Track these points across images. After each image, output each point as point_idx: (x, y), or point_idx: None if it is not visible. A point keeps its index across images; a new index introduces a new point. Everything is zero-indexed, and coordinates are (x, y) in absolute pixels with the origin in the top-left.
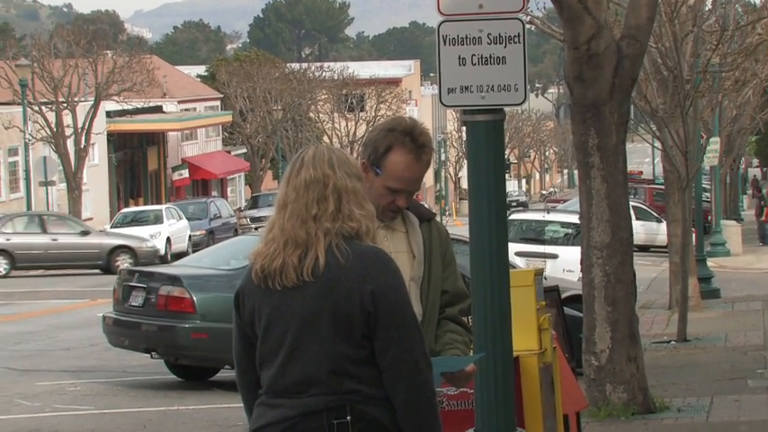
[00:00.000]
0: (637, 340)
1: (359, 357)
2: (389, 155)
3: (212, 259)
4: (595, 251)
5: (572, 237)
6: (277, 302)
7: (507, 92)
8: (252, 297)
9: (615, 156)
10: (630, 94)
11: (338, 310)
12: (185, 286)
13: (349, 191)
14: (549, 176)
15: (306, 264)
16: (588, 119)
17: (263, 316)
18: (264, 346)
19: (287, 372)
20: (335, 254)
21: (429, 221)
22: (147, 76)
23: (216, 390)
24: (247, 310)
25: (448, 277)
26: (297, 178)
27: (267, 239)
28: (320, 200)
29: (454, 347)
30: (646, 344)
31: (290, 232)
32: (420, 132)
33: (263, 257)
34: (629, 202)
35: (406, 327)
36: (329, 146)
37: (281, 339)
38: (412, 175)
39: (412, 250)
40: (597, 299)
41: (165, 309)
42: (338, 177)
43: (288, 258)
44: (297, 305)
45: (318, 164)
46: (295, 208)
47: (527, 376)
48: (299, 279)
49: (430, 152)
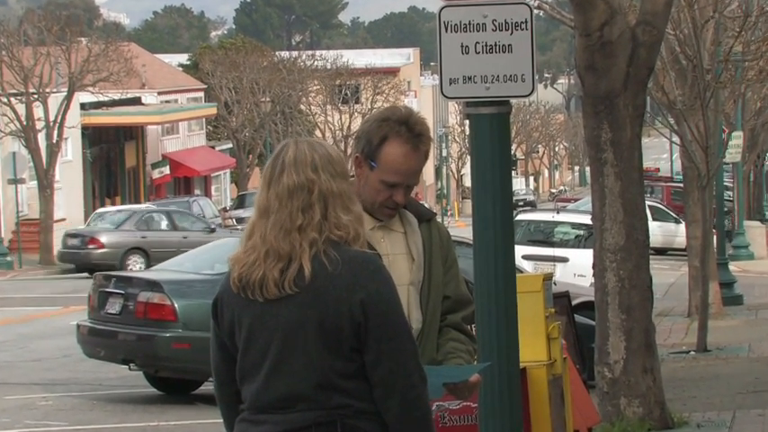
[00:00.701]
0: (653, 350)
1: (348, 371)
2: (384, 146)
3: (195, 263)
4: (609, 254)
5: (584, 239)
6: (259, 312)
7: (514, 82)
8: (231, 306)
9: (630, 151)
10: (646, 85)
11: (326, 321)
12: (166, 292)
13: (335, 194)
14: (559, 174)
15: (288, 276)
16: (601, 112)
17: (243, 326)
18: (246, 358)
19: (271, 386)
20: (323, 261)
21: (429, 222)
22: (124, 65)
23: (199, 404)
24: (226, 319)
25: (449, 282)
26: (279, 184)
27: (247, 246)
28: (305, 208)
29: (457, 356)
30: (663, 354)
31: (273, 243)
32: (416, 121)
33: (241, 265)
34: (645, 202)
35: (398, 338)
36: (310, 141)
37: (263, 352)
38: (410, 166)
39: (411, 252)
40: (611, 306)
41: (145, 317)
42: (323, 181)
43: (268, 272)
44: (281, 315)
45: (301, 167)
46: (278, 218)
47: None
48: (280, 292)
49: (428, 142)
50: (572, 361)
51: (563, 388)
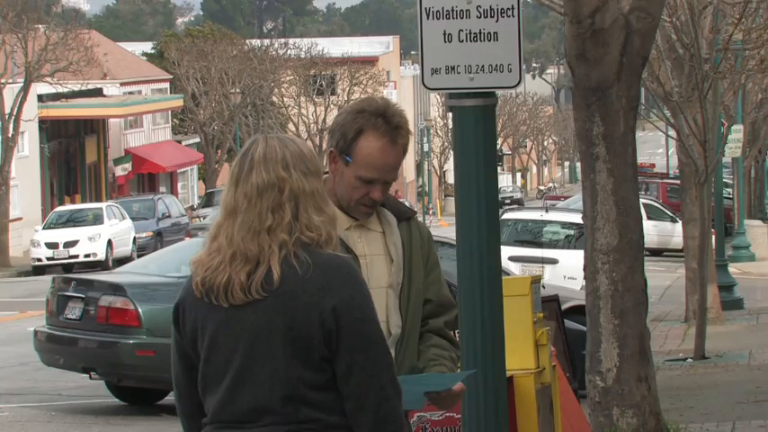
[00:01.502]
0: (648, 358)
1: (318, 382)
2: (360, 140)
3: (160, 265)
4: (601, 255)
5: (574, 239)
6: (223, 318)
7: (500, 73)
8: (194, 311)
9: (623, 146)
10: (641, 76)
11: (294, 327)
12: (129, 296)
13: (307, 194)
14: (548, 170)
15: (255, 279)
16: (592, 104)
17: (206, 333)
18: (208, 367)
19: (235, 398)
20: (293, 264)
21: (408, 221)
22: (84, 54)
23: (165, 415)
24: (188, 325)
25: (431, 284)
26: (247, 183)
27: (211, 248)
28: (275, 208)
29: (439, 364)
30: (659, 362)
31: (240, 245)
32: (394, 113)
33: (205, 269)
34: (640, 200)
35: (371, 349)
36: (281, 137)
37: (227, 360)
38: (387, 161)
39: (389, 253)
40: (603, 310)
41: (106, 322)
42: (294, 180)
43: (235, 275)
44: (247, 321)
45: (271, 164)
46: (246, 218)
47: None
48: (247, 297)
49: (407, 135)
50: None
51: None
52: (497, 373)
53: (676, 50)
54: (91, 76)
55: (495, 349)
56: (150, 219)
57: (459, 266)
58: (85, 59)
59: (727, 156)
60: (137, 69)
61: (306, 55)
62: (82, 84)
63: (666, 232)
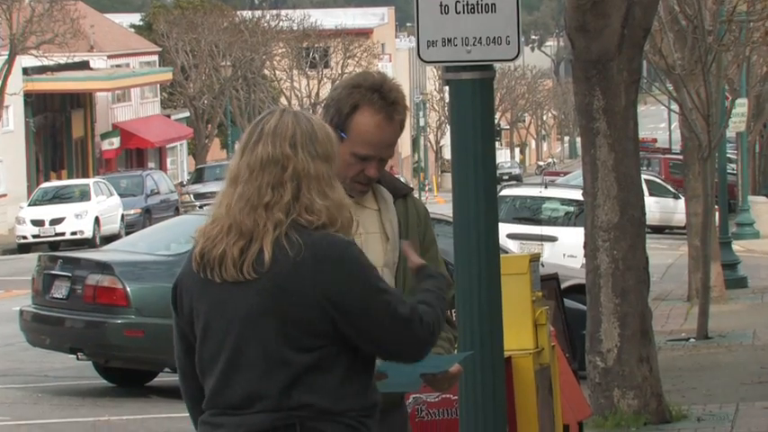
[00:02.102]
0: (650, 338)
1: (311, 363)
2: (355, 116)
3: (149, 243)
4: (601, 233)
5: (574, 216)
6: (216, 298)
7: (498, 45)
8: (190, 289)
9: (625, 120)
10: (642, 48)
11: (288, 311)
12: (117, 275)
13: (311, 176)
14: (547, 145)
15: (247, 258)
16: (593, 77)
17: (201, 314)
18: (204, 349)
19: (229, 383)
20: (284, 245)
21: (405, 198)
22: (70, 25)
23: (154, 397)
24: (185, 304)
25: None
26: (252, 153)
27: (215, 216)
28: (276, 185)
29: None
30: (660, 342)
31: (237, 217)
32: (390, 87)
33: (205, 238)
34: (642, 175)
35: (387, 319)
36: (297, 113)
37: (221, 343)
38: (383, 138)
39: (385, 231)
40: (603, 289)
41: (94, 301)
42: (299, 160)
43: (228, 248)
44: (238, 303)
45: (279, 140)
46: (246, 190)
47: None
48: (238, 275)
49: (403, 110)
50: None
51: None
52: (495, 353)
53: (679, 22)
54: (77, 48)
55: (492, 329)
56: (139, 195)
57: (457, 244)
58: (72, 31)
59: (730, 130)
60: (124, 42)
61: (298, 27)
62: (68, 56)
63: (669, 209)
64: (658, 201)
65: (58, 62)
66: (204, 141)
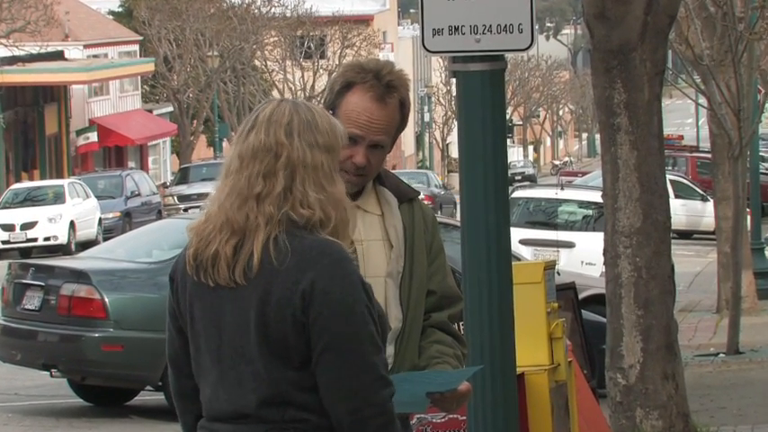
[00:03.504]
0: (675, 353)
1: (305, 383)
2: (347, 94)
3: (129, 249)
4: (623, 238)
5: (593, 220)
6: (209, 303)
7: (509, 34)
8: (185, 289)
9: (648, 115)
10: (668, 37)
11: (269, 325)
12: (94, 284)
13: (307, 166)
14: (564, 142)
15: (240, 260)
16: (613, 68)
17: (195, 317)
18: (198, 355)
19: (219, 395)
20: (271, 251)
21: (410, 202)
22: (43, 12)
23: (134, 417)
24: (181, 303)
25: (435, 273)
26: (245, 142)
27: (208, 214)
28: (267, 175)
29: (443, 362)
30: (687, 357)
31: (228, 212)
32: (390, 71)
33: (198, 238)
34: (666, 176)
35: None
36: (298, 102)
37: (213, 352)
38: (371, 118)
39: (389, 238)
40: (625, 299)
41: (69, 313)
42: (295, 148)
43: (221, 248)
44: (226, 312)
45: (273, 127)
46: (236, 181)
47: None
48: (230, 278)
49: (399, 94)
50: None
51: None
52: (506, 369)
53: (707, 8)
54: (51, 37)
55: (504, 343)
56: (118, 197)
57: (465, 251)
58: (45, 19)
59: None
60: (102, 30)
61: (292, 13)
62: (41, 46)
63: (696, 212)
64: (685, 203)
65: (30, 52)
66: (189, 139)
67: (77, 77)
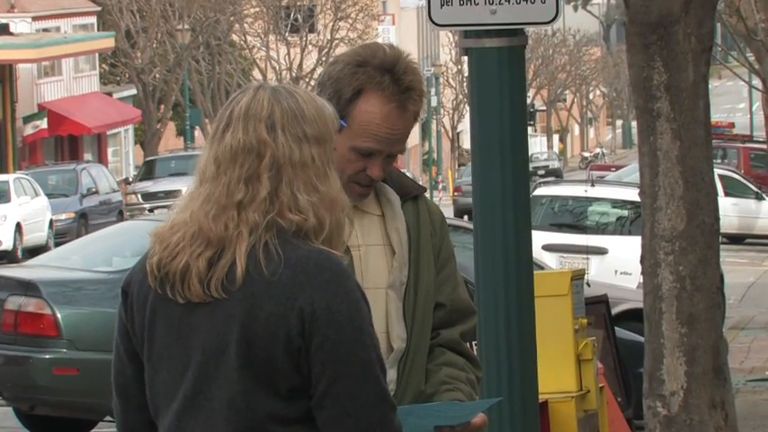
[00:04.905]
0: (725, 377)
1: (288, 416)
2: (359, 102)
3: (86, 257)
4: (663, 243)
5: (628, 222)
6: (176, 320)
7: (530, 4)
8: (143, 304)
9: (693, 99)
10: (715, 8)
11: (255, 345)
12: (45, 297)
13: (296, 165)
14: (595, 131)
15: (216, 271)
16: (653, 44)
17: (155, 336)
18: (157, 381)
19: (184, 427)
20: (259, 259)
21: (416, 200)
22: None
23: None
24: (137, 320)
25: (444, 283)
26: (221, 144)
27: (174, 221)
28: (250, 179)
29: (454, 389)
30: (738, 383)
31: (202, 221)
32: (405, 68)
33: (163, 246)
34: (715, 170)
35: (353, 377)
36: (278, 88)
37: (179, 377)
38: (392, 131)
39: (391, 243)
40: (666, 315)
41: (15, 331)
42: (280, 144)
43: (193, 261)
44: (202, 329)
45: (253, 123)
46: (213, 189)
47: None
48: (205, 292)
49: (420, 98)
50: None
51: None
52: (527, 397)
53: None
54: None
55: (524, 366)
56: (72, 195)
57: (478, 259)
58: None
59: None
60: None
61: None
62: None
63: (749, 213)
64: (736, 202)
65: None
66: (155, 127)
67: (24, 55)
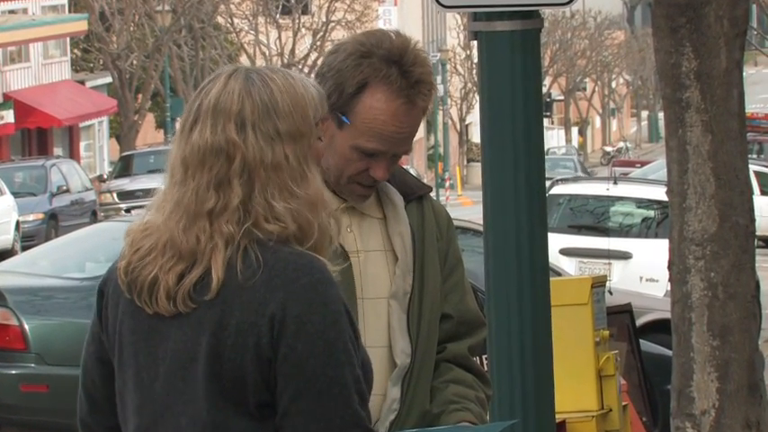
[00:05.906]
0: (761, 395)
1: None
2: (364, 97)
3: (56, 262)
4: (693, 247)
5: (655, 223)
6: (145, 327)
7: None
8: (116, 308)
9: (726, 89)
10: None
11: (223, 356)
12: (11, 307)
13: (268, 167)
14: (618, 123)
15: (183, 286)
16: (681, 27)
17: (124, 346)
18: (125, 391)
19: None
20: (235, 265)
21: (420, 200)
22: None
23: None
24: (110, 319)
25: (451, 292)
26: (188, 142)
27: (149, 222)
28: (220, 185)
29: (462, 408)
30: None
31: (174, 233)
32: (415, 60)
33: (134, 249)
34: (750, 166)
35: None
36: (251, 75)
37: (146, 389)
38: (399, 129)
39: (393, 248)
40: (696, 326)
41: None
42: (250, 145)
43: (162, 274)
44: (170, 339)
45: (221, 119)
46: (182, 195)
47: None
48: (171, 308)
49: (430, 93)
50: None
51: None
52: (544, 417)
53: None
54: None
55: (540, 383)
56: (40, 194)
57: (489, 264)
58: None
59: None
60: None
61: None
62: None
63: None
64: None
65: None
66: (133, 118)
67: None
